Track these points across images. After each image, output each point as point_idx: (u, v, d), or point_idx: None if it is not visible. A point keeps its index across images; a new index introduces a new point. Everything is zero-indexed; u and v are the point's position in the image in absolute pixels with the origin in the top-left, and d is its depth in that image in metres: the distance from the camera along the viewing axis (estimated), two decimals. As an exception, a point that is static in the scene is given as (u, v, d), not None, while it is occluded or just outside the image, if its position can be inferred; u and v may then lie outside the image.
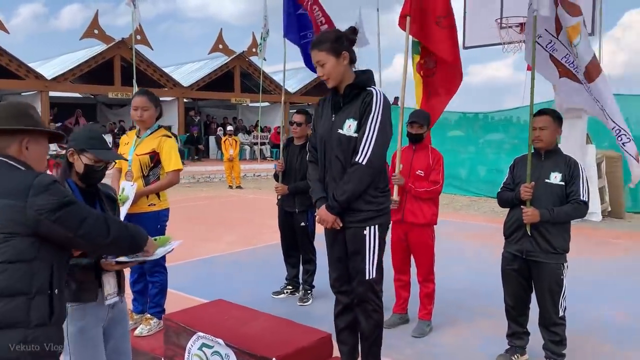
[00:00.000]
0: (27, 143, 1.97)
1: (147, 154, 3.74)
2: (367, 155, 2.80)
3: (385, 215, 3.01)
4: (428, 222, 4.26)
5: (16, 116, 1.96)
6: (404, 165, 4.34)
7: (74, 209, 1.89)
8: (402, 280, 4.53)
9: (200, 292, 5.45)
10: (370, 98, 2.84)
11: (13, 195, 1.81)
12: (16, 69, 17.78)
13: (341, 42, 2.87)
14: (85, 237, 1.92)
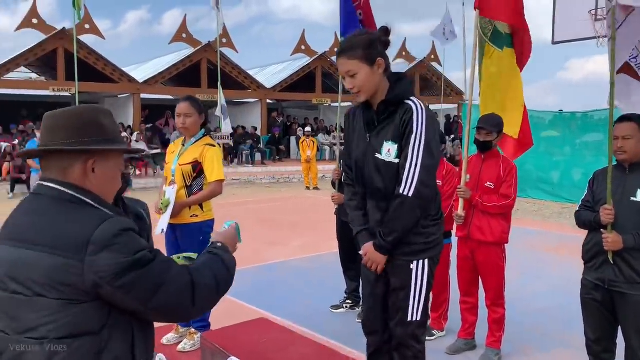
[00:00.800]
0: (94, 164, 1.49)
1: (190, 164, 3.61)
2: (413, 185, 2.37)
3: (437, 247, 2.60)
4: (497, 240, 3.80)
5: (80, 128, 1.48)
6: (472, 176, 3.91)
7: (147, 271, 1.37)
8: (469, 302, 4.09)
9: (256, 300, 5.31)
10: (409, 116, 2.40)
11: (67, 251, 1.34)
12: (111, 73, 18.80)
13: (375, 47, 2.40)
14: (160, 310, 1.42)
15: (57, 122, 1.49)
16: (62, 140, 1.46)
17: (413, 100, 2.46)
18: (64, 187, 1.46)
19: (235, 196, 14.00)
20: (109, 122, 1.57)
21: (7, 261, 1.40)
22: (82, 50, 17.54)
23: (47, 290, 1.34)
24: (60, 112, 1.52)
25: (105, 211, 1.47)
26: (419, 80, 25.22)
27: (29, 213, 1.45)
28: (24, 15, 17.40)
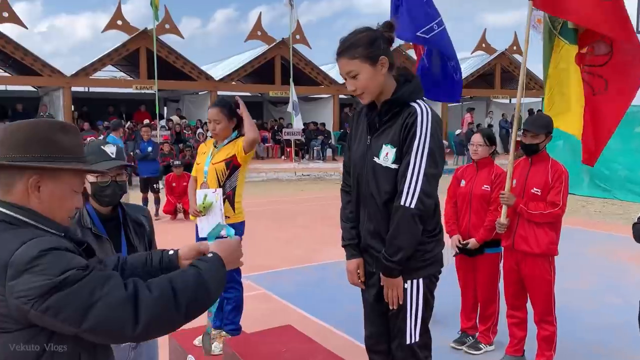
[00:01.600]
0: (39, 182, 1.39)
1: (223, 161, 3.58)
2: (415, 196, 2.15)
3: (434, 264, 2.36)
4: (543, 252, 3.48)
5: (25, 144, 1.38)
6: (517, 182, 3.62)
7: (74, 291, 1.25)
8: (517, 317, 3.80)
9: (301, 301, 5.28)
10: (413, 119, 2.19)
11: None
12: (189, 71, 19.50)
13: (377, 44, 2.18)
14: (96, 331, 1.28)
15: (4, 136, 1.40)
16: (2, 155, 1.37)
17: (419, 102, 2.25)
18: (3, 207, 1.38)
19: (303, 192, 14.08)
20: (67, 138, 1.44)
21: None
22: (162, 49, 18.33)
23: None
24: (13, 125, 1.42)
25: (39, 231, 1.36)
26: (499, 72, 24.17)
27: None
28: (110, 17, 18.41)
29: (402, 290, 2.30)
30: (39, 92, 20.57)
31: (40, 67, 17.27)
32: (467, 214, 3.97)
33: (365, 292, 2.52)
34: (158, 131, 16.99)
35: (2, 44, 16.68)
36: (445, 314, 4.68)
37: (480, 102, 25.58)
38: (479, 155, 3.93)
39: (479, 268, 3.99)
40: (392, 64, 2.25)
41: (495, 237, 3.86)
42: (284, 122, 21.17)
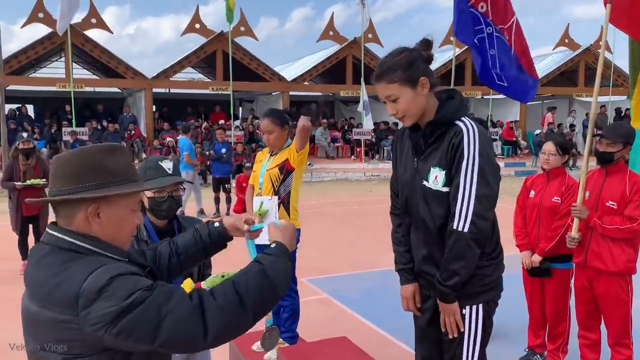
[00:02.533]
0: (97, 209, 1.43)
1: (277, 166, 3.60)
2: (467, 219, 2.05)
3: (494, 289, 2.24)
4: (620, 270, 3.23)
5: (78, 174, 1.42)
6: (591, 194, 3.38)
7: (142, 311, 1.29)
8: (589, 338, 3.56)
9: (363, 308, 5.22)
10: (459, 138, 2.08)
11: (60, 306, 1.31)
12: (263, 72, 19.88)
13: (416, 65, 2.08)
14: (169, 345, 1.33)
15: (57, 170, 1.45)
16: (59, 188, 1.43)
17: (464, 120, 2.14)
18: (65, 234, 1.42)
19: (371, 193, 13.98)
20: (116, 160, 1.48)
21: (24, 314, 1.44)
22: (237, 51, 18.81)
23: (53, 346, 1.35)
24: (63, 156, 1.47)
25: (104, 258, 1.41)
26: (583, 69, 22.86)
27: (35, 263, 1.44)
28: (188, 22, 19.12)
29: (460, 316, 2.19)
30: (123, 93, 21.72)
31: (124, 69, 18.21)
32: (535, 227, 3.75)
33: (418, 320, 2.44)
34: (232, 131, 17.47)
35: (90, 48, 17.73)
36: (512, 329, 4.47)
37: (562, 100, 24.32)
38: (551, 165, 3.69)
39: (547, 284, 3.76)
40: (433, 83, 2.14)
41: (565, 252, 3.63)
42: (355, 122, 21.11)
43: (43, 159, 6.84)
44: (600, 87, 3.60)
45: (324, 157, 19.30)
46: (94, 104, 20.39)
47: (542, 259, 3.67)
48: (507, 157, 20.63)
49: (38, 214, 6.50)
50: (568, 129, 20.69)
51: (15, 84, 19.50)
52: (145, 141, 17.82)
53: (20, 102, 19.81)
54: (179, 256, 1.78)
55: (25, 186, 6.29)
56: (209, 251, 1.83)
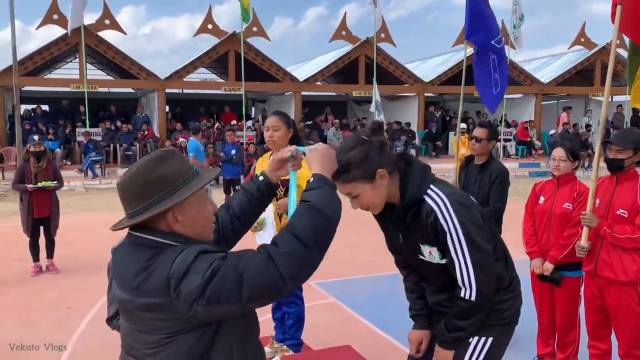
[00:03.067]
0: (174, 215, 1.54)
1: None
2: (473, 289, 2.02)
3: (512, 323, 2.18)
4: (631, 280, 3.16)
5: (143, 192, 1.53)
6: (601, 201, 3.30)
7: (222, 276, 1.41)
8: (599, 348, 3.49)
9: (370, 313, 5.17)
10: (433, 218, 1.99)
11: (154, 293, 1.45)
12: (275, 73, 19.88)
13: (370, 158, 1.94)
14: (256, 298, 1.44)
15: (124, 194, 1.56)
16: (132, 210, 1.55)
17: (430, 194, 2.02)
18: (151, 234, 1.53)
19: (383, 194, 13.91)
20: (167, 167, 1.55)
21: (118, 302, 1.60)
22: (250, 52, 18.83)
23: (150, 327, 1.49)
24: (123, 180, 1.56)
25: (184, 246, 1.51)
26: (599, 68, 22.54)
27: (120, 259, 1.59)
28: (201, 22, 19.18)
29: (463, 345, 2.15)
30: (137, 94, 21.87)
31: (138, 70, 18.32)
32: (545, 234, 3.68)
33: None
34: (244, 132, 17.50)
35: (104, 50, 17.86)
36: (522, 336, 4.39)
37: (578, 100, 24.01)
38: (561, 172, 3.61)
39: (556, 292, 3.69)
40: (390, 169, 2.02)
41: (576, 260, 3.56)
42: (367, 122, 21.03)
43: (54, 161, 6.88)
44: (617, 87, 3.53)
45: (336, 158, 19.25)
46: (108, 105, 20.56)
47: (553, 267, 3.60)
48: (521, 157, 20.42)
49: (49, 215, 6.55)
50: (584, 129, 20.41)
51: (31, 85, 19.73)
52: (158, 141, 17.92)
53: (35, 103, 20.04)
54: (239, 218, 1.91)
55: (36, 188, 6.34)
56: (262, 203, 1.97)
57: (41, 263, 6.67)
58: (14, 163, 14.63)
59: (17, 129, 14.10)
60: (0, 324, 5.02)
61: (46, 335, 4.64)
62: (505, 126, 20.83)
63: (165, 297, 1.42)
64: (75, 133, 16.87)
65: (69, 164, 16.60)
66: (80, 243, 8.07)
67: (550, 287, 3.74)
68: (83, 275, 6.44)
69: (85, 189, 14.48)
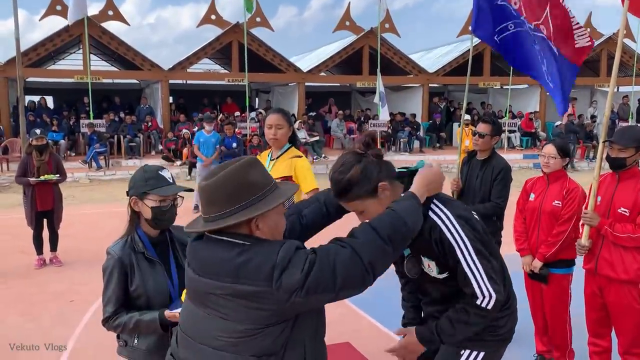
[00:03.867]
0: (256, 223, 1.62)
1: (280, 179, 3.56)
2: (493, 296, 1.98)
3: (501, 343, 2.15)
4: (631, 278, 3.16)
5: (232, 195, 1.59)
6: (602, 199, 3.28)
7: (318, 269, 1.53)
8: (599, 345, 3.49)
9: (371, 307, 5.16)
10: (438, 234, 1.97)
11: (257, 280, 1.51)
12: (279, 64, 19.79)
13: (370, 174, 1.93)
14: (346, 287, 1.56)
15: (212, 196, 1.61)
16: (217, 212, 1.60)
17: (433, 208, 2.00)
18: (236, 237, 1.60)
19: (386, 186, 13.89)
20: (258, 174, 1.65)
21: (195, 289, 1.66)
22: (253, 42, 18.75)
23: (241, 316, 1.55)
24: (213, 182, 1.61)
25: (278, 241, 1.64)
26: (605, 58, 22.35)
27: (203, 248, 1.65)
28: (204, 13, 19.10)
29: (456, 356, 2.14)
30: (141, 85, 21.84)
31: (141, 61, 18.27)
32: (535, 231, 3.67)
33: None
34: (247, 123, 17.47)
35: (108, 40, 17.81)
36: (522, 333, 4.37)
37: (583, 90, 23.83)
38: (551, 168, 3.59)
39: (545, 290, 3.69)
40: (391, 180, 2.00)
41: (564, 257, 3.55)
42: (371, 113, 20.97)
43: (56, 154, 6.90)
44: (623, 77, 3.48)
45: (339, 149, 19.22)
46: (112, 96, 20.55)
47: (542, 264, 3.60)
48: (525, 148, 20.32)
49: (52, 208, 6.58)
50: (589, 120, 20.28)
51: (34, 76, 19.74)
52: (162, 132, 17.92)
53: (39, 94, 20.05)
54: (308, 227, 2.00)
55: (39, 182, 6.36)
56: (333, 220, 2.09)
57: (45, 256, 6.71)
58: (18, 154, 14.67)
59: (21, 120, 14.12)
60: (3, 318, 5.06)
61: (48, 329, 4.67)
62: (510, 117, 20.72)
63: (267, 285, 1.50)
64: (79, 124, 16.88)
65: (73, 155, 16.64)
66: (83, 236, 8.10)
67: (540, 284, 3.73)
68: (86, 268, 6.47)
69: (89, 180, 14.53)
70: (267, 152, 3.80)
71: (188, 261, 1.71)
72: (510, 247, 4.05)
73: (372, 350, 4.11)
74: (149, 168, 2.37)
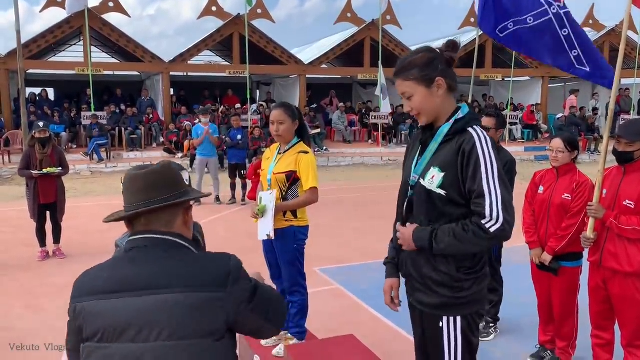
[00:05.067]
0: (189, 212, 1.67)
1: (284, 173, 3.57)
2: (500, 219, 1.97)
3: (472, 304, 2.14)
4: (636, 270, 3.15)
5: (175, 182, 1.62)
6: (608, 192, 3.28)
7: (260, 291, 1.58)
8: (602, 337, 3.50)
9: (373, 300, 5.15)
10: (471, 145, 2.03)
11: (210, 286, 1.47)
12: (280, 55, 19.74)
13: (434, 66, 2.08)
14: (273, 321, 1.62)
15: (156, 180, 1.57)
16: (165, 195, 1.56)
17: (476, 129, 2.09)
18: (174, 237, 1.57)
19: (387, 179, 13.89)
20: (178, 171, 1.71)
21: (140, 311, 1.44)
22: (254, 34, 18.69)
23: (191, 332, 1.44)
24: (158, 169, 1.61)
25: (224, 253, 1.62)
26: (608, 51, 22.26)
27: (143, 263, 1.51)
28: (205, 4, 19.01)
29: (439, 327, 2.16)
30: (142, 77, 21.79)
31: (142, 53, 18.22)
32: (544, 224, 3.66)
33: (413, 327, 2.40)
34: (249, 115, 17.45)
35: (108, 32, 17.76)
36: (526, 324, 4.43)
37: (585, 83, 23.69)
38: (560, 162, 3.59)
39: (554, 282, 3.69)
40: (451, 85, 2.12)
41: (574, 250, 3.55)
42: (372, 105, 20.94)
43: (59, 147, 6.89)
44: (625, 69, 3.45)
45: (341, 141, 19.21)
46: (113, 88, 20.51)
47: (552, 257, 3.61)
48: (527, 141, 20.30)
49: (55, 201, 6.59)
50: (590, 113, 20.24)
51: (35, 68, 19.69)
52: (163, 125, 17.91)
53: (40, 86, 20.01)
54: None
55: (41, 175, 6.37)
56: None
57: (48, 248, 6.73)
58: (20, 147, 14.68)
59: (23, 113, 14.10)
60: (7, 311, 5.08)
61: (52, 323, 4.67)
62: (512, 109, 20.68)
63: (222, 290, 1.47)
64: (80, 116, 16.87)
65: (74, 147, 16.63)
66: (85, 228, 8.12)
67: (548, 276, 3.74)
68: (89, 260, 6.39)
69: (91, 172, 14.54)
70: (276, 146, 3.80)
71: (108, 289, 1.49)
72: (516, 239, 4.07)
73: (375, 341, 4.13)
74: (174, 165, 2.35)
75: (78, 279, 1.61)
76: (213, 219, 8.97)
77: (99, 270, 1.58)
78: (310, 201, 3.56)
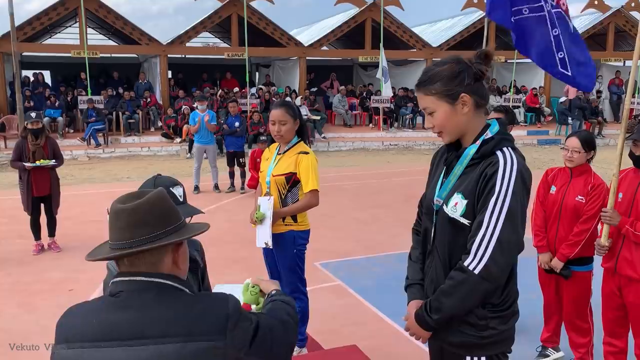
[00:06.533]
0: (179, 252, 1.49)
1: (283, 175, 3.42)
2: (482, 261, 1.81)
3: (498, 344, 1.96)
4: (652, 279, 3.01)
5: (160, 218, 1.43)
6: (624, 196, 3.12)
7: (263, 328, 1.46)
8: (615, 345, 3.37)
9: (376, 297, 5.07)
10: (493, 170, 1.84)
11: (209, 334, 1.35)
12: (279, 37, 19.39)
13: (460, 79, 1.87)
14: (278, 355, 1.52)
15: (138, 218, 1.40)
16: (146, 236, 1.40)
17: (504, 151, 1.89)
18: (163, 278, 1.42)
19: (389, 164, 13.73)
20: (171, 202, 1.51)
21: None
22: (253, 16, 18.36)
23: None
24: (144, 203, 1.42)
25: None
26: (612, 32, 21.92)
27: (134, 310, 1.37)
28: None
29: None
30: (139, 59, 21.47)
31: (139, 36, 17.91)
32: (554, 226, 3.51)
33: (430, 344, 2.25)
34: (248, 99, 17.20)
35: (104, 14, 17.43)
36: (532, 325, 4.29)
37: (589, 64, 23.44)
38: (575, 163, 3.42)
39: (565, 289, 3.55)
40: (479, 103, 1.91)
41: (586, 254, 3.41)
42: (373, 89, 20.66)
43: (53, 138, 6.71)
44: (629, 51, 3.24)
45: (341, 125, 18.99)
46: (110, 71, 20.22)
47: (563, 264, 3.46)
48: (529, 124, 20.07)
49: (49, 193, 6.43)
50: (594, 96, 19.98)
51: (30, 51, 19.37)
52: (161, 109, 17.68)
53: (35, 69, 19.71)
54: None
55: (34, 167, 6.20)
56: None
57: (43, 241, 6.60)
58: (15, 132, 14.46)
59: (18, 97, 13.86)
60: (1, 309, 4.96)
61: (47, 322, 4.56)
62: (515, 92, 20.42)
63: (221, 338, 1.36)
64: (77, 100, 16.62)
65: (71, 132, 16.43)
66: (82, 219, 7.98)
67: (557, 281, 3.61)
68: (84, 254, 6.32)
69: (88, 158, 14.37)
70: (275, 146, 3.64)
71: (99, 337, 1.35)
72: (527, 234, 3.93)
73: (378, 343, 4.01)
74: (162, 181, 2.16)
75: (63, 319, 1.44)
76: (212, 207, 8.83)
77: (86, 313, 1.41)
78: (311, 205, 3.41)
